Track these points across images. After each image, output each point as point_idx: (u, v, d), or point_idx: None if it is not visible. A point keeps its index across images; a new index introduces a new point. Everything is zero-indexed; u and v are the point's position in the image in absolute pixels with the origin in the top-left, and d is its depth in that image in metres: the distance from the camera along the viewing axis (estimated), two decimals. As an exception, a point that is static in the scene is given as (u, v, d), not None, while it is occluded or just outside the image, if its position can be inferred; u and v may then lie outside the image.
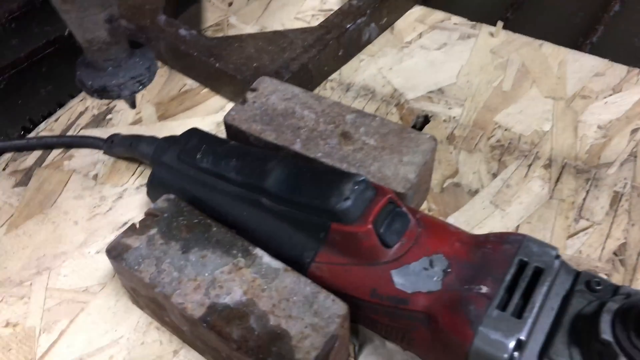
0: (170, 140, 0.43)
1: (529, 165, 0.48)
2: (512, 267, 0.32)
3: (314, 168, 0.37)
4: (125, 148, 0.49)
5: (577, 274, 0.33)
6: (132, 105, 0.53)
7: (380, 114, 0.53)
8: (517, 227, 0.44)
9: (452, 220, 0.45)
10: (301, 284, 0.35)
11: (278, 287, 0.35)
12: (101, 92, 0.53)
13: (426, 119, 0.53)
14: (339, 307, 0.33)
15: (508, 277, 0.32)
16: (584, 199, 0.45)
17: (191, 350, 0.39)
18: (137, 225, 0.38)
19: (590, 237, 0.43)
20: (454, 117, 0.53)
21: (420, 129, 0.52)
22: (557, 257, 0.33)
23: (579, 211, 0.45)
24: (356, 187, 0.34)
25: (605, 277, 0.38)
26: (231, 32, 0.64)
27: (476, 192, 0.47)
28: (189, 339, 0.38)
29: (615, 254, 0.42)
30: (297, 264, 0.36)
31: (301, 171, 0.37)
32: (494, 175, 0.48)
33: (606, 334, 0.28)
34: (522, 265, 0.32)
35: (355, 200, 0.33)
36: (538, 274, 0.32)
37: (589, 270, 0.33)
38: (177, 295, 0.35)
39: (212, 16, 0.67)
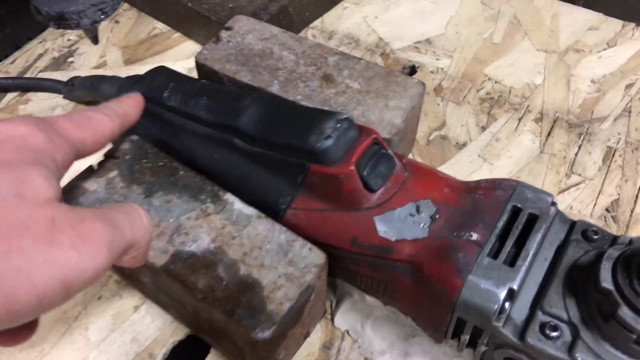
0: (135, 78, 0.40)
1: (520, 119, 0.46)
2: (504, 214, 0.29)
3: (292, 106, 0.34)
4: (87, 90, 0.45)
5: (573, 224, 0.30)
6: (94, 40, 0.48)
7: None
8: (506, 181, 0.42)
9: (438, 173, 0.42)
10: (275, 232, 0.32)
11: (250, 235, 0.32)
12: (58, 20, 0.48)
13: (413, 70, 0.50)
14: (316, 256, 0.31)
15: (500, 224, 0.29)
16: (576, 154, 0.43)
17: (153, 305, 0.36)
18: (95, 167, 0.35)
19: (582, 193, 0.41)
20: (442, 69, 0.50)
21: (406, 79, 0.49)
22: (553, 204, 0.30)
23: (571, 166, 0.42)
24: (338, 125, 0.31)
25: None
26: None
27: (464, 145, 0.44)
28: (151, 292, 0.35)
29: (607, 210, 0.40)
30: (271, 211, 0.33)
31: (278, 110, 0.33)
32: (483, 129, 0.45)
33: (607, 282, 0.25)
34: (516, 212, 0.30)
35: (337, 140, 0.30)
36: (532, 220, 0.29)
37: (582, 220, 0.30)
38: (138, 241, 0.31)
39: (186, -41, 0.62)
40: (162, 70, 0.39)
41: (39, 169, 0.22)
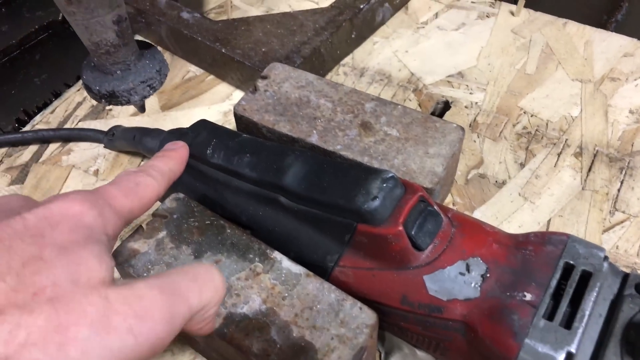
0: (178, 133, 0.40)
1: (559, 154, 0.45)
2: (557, 272, 0.29)
3: (336, 163, 0.34)
4: (128, 142, 0.45)
5: (626, 276, 0.30)
6: (142, 109, 0.50)
7: (398, 100, 0.50)
8: (549, 220, 0.41)
9: (478, 214, 0.42)
10: (325, 291, 0.32)
11: (300, 295, 0.32)
12: (109, 98, 0.51)
13: (446, 105, 0.50)
14: (367, 316, 0.31)
15: (554, 283, 0.29)
16: (619, 190, 0.43)
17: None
18: (145, 228, 0.35)
19: (627, 231, 0.40)
20: (476, 103, 0.50)
21: (440, 115, 0.49)
22: (606, 258, 0.30)
23: (614, 203, 0.42)
24: (384, 184, 0.31)
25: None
26: (235, 15, 0.60)
27: (503, 183, 0.44)
28: (203, 349, 0.35)
29: (654, 248, 0.39)
30: (319, 269, 0.33)
31: (322, 167, 0.34)
32: (522, 165, 0.45)
33: (670, 348, 0.25)
34: (568, 269, 0.29)
35: (383, 200, 0.31)
36: (586, 278, 0.29)
37: (634, 272, 0.30)
38: (191, 304, 0.32)
39: (214, -2, 0.63)
40: (204, 125, 0.40)
41: (92, 248, 0.23)
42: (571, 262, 0.30)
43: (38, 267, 0.21)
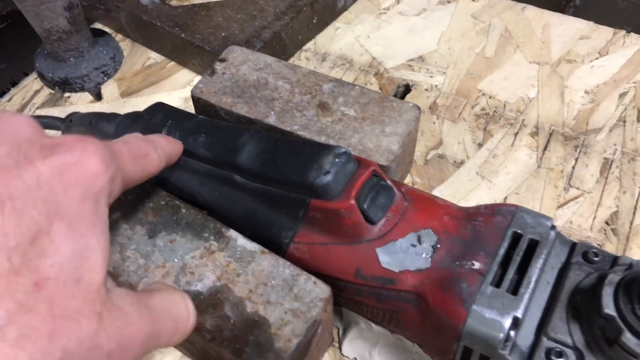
0: (134, 116, 0.40)
1: (516, 134, 0.46)
2: (505, 241, 0.30)
3: (290, 141, 0.34)
4: (85, 127, 0.45)
5: (573, 245, 0.31)
6: (98, 97, 0.49)
7: (359, 84, 0.50)
8: (505, 198, 0.42)
9: (437, 193, 0.43)
10: (280, 267, 0.32)
11: (255, 271, 0.32)
12: (63, 85, 0.50)
13: (407, 88, 0.50)
14: (321, 290, 0.31)
15: (501, 251, 0.29)
16: (573, 167, 0.44)
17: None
18: (99, 209, 0.35)
19: (580, 207, 0.41)
20: (436, 86, 0.50)
21: (402, 98, 0.50)
22: (553, 227, 0.31)
23: (569, 180, 0.43)
24: (337, 160, 0.31)
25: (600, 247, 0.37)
26: (198, 2, 0.60)
27: (461, 163, 0.45)
28: (161, 329, 0.35)
29: (607, 223, 0.40)
30: (274, 245, 0.33)
31: (276, 145, 0.34)
32: (480, 145, 0.46)
33: (609, 309, 0.26)
34: (516, 238, 0.30)
35: (336, 174, 0.31)
36: (533, 246, 0.30)
37: (582, 241, 0.31)
38: (144, 283, 0.32)
39: (176, -15, 0.63)
40: (160, 107, 0.39)
41: (99, 235, 0.21)
42: (519, 231, 0.30)
43: (45, 248, 0.19)
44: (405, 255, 0.31)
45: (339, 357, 0.35)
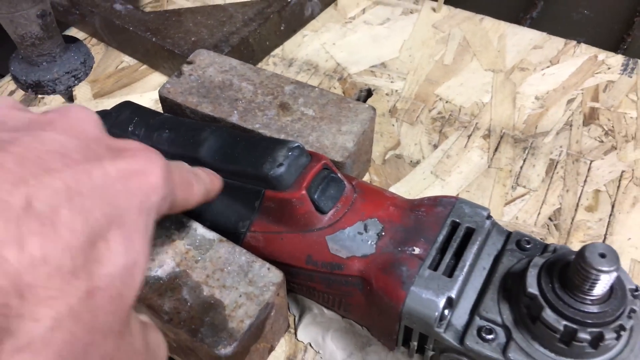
0: (102, 113, 0.42)
1: (469, 136, 0.49)
2: (444, 228, 0.32)
3: (248, 136, 0.36)
4: (57, 125, 0.46)
5: (509, 234, 0.33)
6: (70, 99, 0.51)
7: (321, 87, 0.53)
8: (457, 195, 0.44)
9: (393, 190, 0.45)
10: (236, 254, 0.34)
11: (212, 258, 0.34)
12: (36, 88, 0.53)
13: (369, 93, 0.53)
14: (274, 275, 0.33)
15: (440, 238, 0.32)
16: (521, 167, 0.46)
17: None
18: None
19: (526, 204, 0.44)
20: (396, 91, 0.53)
21: (363, 102, 0.52)
22: (489, 217, 0.33)
23: (516, 179, 0.46)
24: (290, 153, 0.33)
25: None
26: (170, 8, 0.62)
27: (417, 163, 0.47)
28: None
29: (550, 219, 0.43)
30: (233, 235, 0.35)
31: (235, 140, 0.36)
32: (435, 146, 0.48)
33: (532, 288, 0.28)
34: (455, 226, 0.32)
35: (288, 167, 0.33)
36: (469, 234, 0.32)
37: (516, 230, 0.33)
38: (107, 269, 0.33)
39: (151, -7, 0.65)
40: (127, 105, 0.41)
41: (145, 256, 0.20)
42: (457, 220, 0.33)
43: (101, 254, 0.18)
44: (352, 242, 0.33)
45: (294, 342, 0.37)
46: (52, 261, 0.17)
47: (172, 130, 0.37)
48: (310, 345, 0.37)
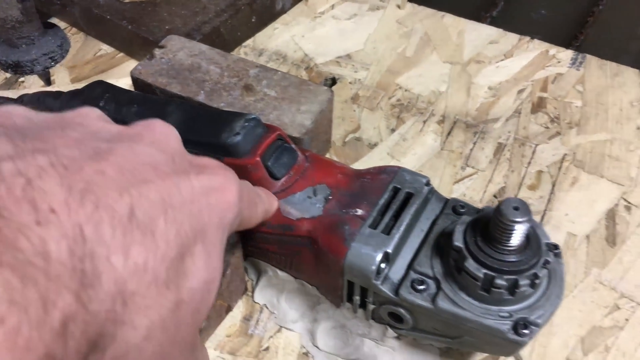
0: (76, 92, 0.44)
1: (425, 121, 0.52)
2: (386, 193, 0.35)
3: (210, 110, 0.39)
4: (34, 105, 0.49)
5: (447, 201, 0.36)
6: (47, 81, 0.54)
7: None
8: (410, 174, 0.48)
9: (351, 169, 0.48)
10: (196, 217, 0.37)
11: (174, 220, 0.36)
12: (15, 68, 0.55)
13: (333, 81, 0.56)
14: (230, 236, 0.36)
15: (381, 201, 0.35)
16: (471, 150, 0.50)
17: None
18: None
19: (474, 182, 0.47)
20: (359, 80, 0.56)
21: (327, 89, 0.55)
22: (428, 184, 0.36)
23: (466, 160, 0.49)
24: (246, 124, 0.36)
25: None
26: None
27: (375, 145, 0.50)
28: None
29: (495, 196, 0.46)
30: (194, 201, 0.38)
31: (197, 113, 0.39)
32: (393, 131, 0.51)
33: (458, 242, 0.31)
34: (396, 191, 0.35)
35: (245, 136, 0.36)
36: (409, 198, 0.35)
37: (453, 197, 0.36)
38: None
39: (131, -14, 0.68)
40: (99, 84, 0.44)
41: (220, 273, 0.21)
42: (398, 186, 0.36)
43: (188, 268, 0.19)
44: (302, 205, 0.36)
45: (251, 303, 0.40)
46: (151, 271, 0.17)
47: (140, 105, 0.40)
48: (266, 306, 0.40)
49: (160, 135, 0.22)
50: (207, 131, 0.37)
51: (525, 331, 0.30)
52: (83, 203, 0.16)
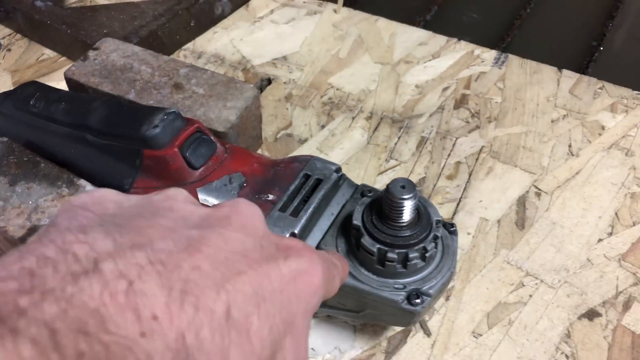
0: (9, 92, 0.46)
1: (353, 118, 0.55)
2: (297, 179, 0.38)
3: (132, 106, 0.41)
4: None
5: (357, 187, 0.39)
6: None
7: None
8: (337, 167, 0.50)
9: (281, 163, 0.50)
10: (119, 207, 0.38)
11: (97, 210, 0.38)
12: None
13: (269, 81, 0.59)
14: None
15: (292, 187, 0.37)
16: (396, 143, 0.52)
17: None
18: (-33, 164, 0.40)
19: (396, 174, 0.50)
20: (294, 80, 0.58)
21: (262, 89, 0.58)
22: (337, 171, 0.39)
23: (390, 153, 0.52)
24: (165, 117, 0.38)
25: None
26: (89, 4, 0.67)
27: (305, 140, 0.53)
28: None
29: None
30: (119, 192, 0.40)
31: (121, 109, 0.41)
32: (323, 127, 0.54)
33: (357, 220, 0.34)
34: (307, 178, 0.38)
35: (163, 128, 0.38)
36: (319, 184, 0.38)
37: (363, 184, 0.39)
38: (0, 220, 0.38)
39: (76, -6, 0.70)
40: (32, 84, 0.46)
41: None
42: (309, 173, 0.38)
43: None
44: (218, 192, 0.38)
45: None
46: None
47: (68, 103, 0.42)
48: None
49: (247, 217, 0.22)
50: (129, 125, 0.39)
51: (418, 301, 0.33)
52: (183, 306, 0.16)
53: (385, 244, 0.32)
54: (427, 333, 0.40)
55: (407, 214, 0.32)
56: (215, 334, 0.16)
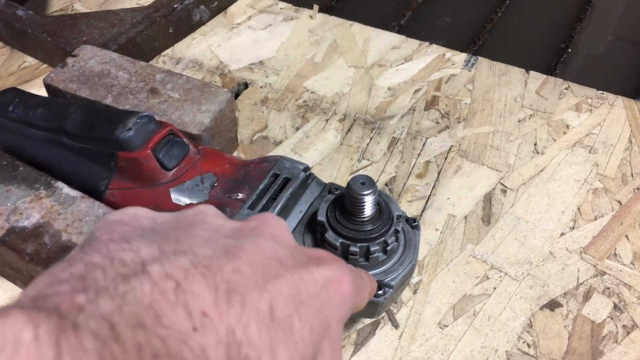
0: (-11, 98, 0.47)
1: (327, 120, 0.56)
2: (266, 179, 0.39)
3: (107, 110, 0.42)
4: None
5: (325, 185, 0.41)
6: None
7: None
8: (311, 167, 0.52)
9: (256, 165, 0.52)
10: (95, 208, 0.40)
11: (74, 211, 0.40)
12: None
13: (245, 86, 0.60)
14: (126, 223, 0.39)
15: (261, 186, 0.39)
16: (368, 144, 0.54)
17: (3, 279, 0.42)
18: (-53, 168, 0.42)
19: (368, 173, 0.51)
20: (270, 84, 0.60)
21: (239, 93, 0.59)
22: (305, 170, 0.40)
23: (362, 153, 0.53)
24: (139, 120, 0.40)
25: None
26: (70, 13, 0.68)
27: (280, 142, 0.54)
28: (-1, 267, 0.42)
29: (386, 184, 0.51)
30: (95, 194, 0.41)
31: (97, 113, 0.42)
32: (297, 129, 0.55)
33: (321, 216, 0.35)
34: (276, 177, 0.39)
35: (137, 131, 0.39)
36: (287, 183, 0.39)
37: (330, 182, 0.40)
38: (-20, 222, 0.39)
39: (57, 3, 0.71)
40: (12, 90, 0.47)
41: None
42: (278, 172, 0.40)
43: None
44: (190, 192, 0.39)
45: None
46: None
47: (45, 108, 0.43)
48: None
49: (275, 229, 0.22)
50: (103, 128, 0.40)
51: (380, 292, 0.34)
52: (231, 304, 0.17)
53: (347, 238, 0.34)
54: (395, 325, 0.41)
55: (367, 209, 0.34)
56: (262, 331, 0.17)
